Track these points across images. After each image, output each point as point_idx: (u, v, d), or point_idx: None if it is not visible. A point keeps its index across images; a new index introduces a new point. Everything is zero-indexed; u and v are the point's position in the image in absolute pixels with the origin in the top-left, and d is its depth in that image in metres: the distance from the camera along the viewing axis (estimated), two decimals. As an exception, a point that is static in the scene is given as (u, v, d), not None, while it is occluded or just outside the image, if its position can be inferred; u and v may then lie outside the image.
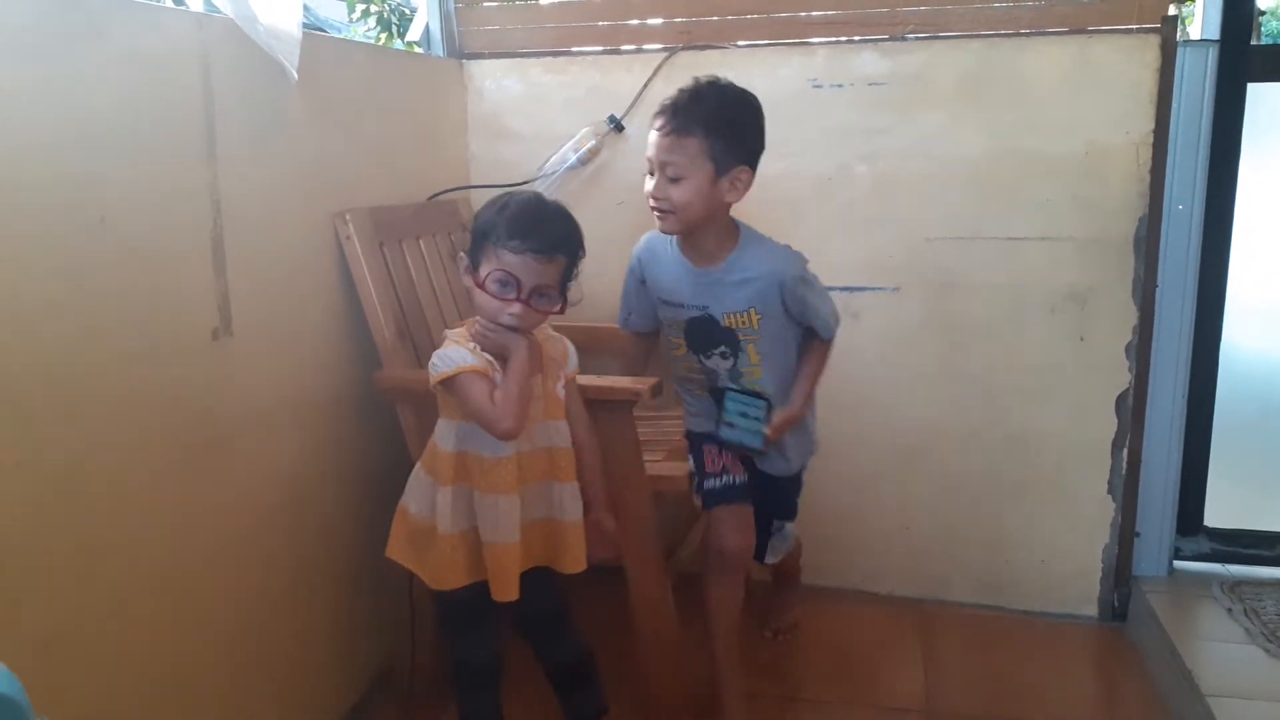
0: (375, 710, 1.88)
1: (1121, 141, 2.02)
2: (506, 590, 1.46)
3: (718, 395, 1.74)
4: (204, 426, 1.43)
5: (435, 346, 1.92)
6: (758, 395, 1.70)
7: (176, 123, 1.37)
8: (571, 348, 1.58)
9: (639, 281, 1.79)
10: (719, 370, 1.73)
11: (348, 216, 1.75)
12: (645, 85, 2.22)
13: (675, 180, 1.60)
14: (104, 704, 1.25)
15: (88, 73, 1.21)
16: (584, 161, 2.24)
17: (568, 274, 1.47)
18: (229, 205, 1.46)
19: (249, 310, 1.51)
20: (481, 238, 1.45)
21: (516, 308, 1.42)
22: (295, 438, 1.66)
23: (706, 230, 1.67)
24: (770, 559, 1.92)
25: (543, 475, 1.51)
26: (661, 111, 1.62)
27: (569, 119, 2.26)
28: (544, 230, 1.42)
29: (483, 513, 1.46)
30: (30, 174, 1.13)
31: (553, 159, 2.25)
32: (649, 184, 1.64)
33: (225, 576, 1.48)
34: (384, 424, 1.84)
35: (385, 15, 5.96)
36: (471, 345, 1.45)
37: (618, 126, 2.23)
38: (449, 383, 1.43)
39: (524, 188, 1.57)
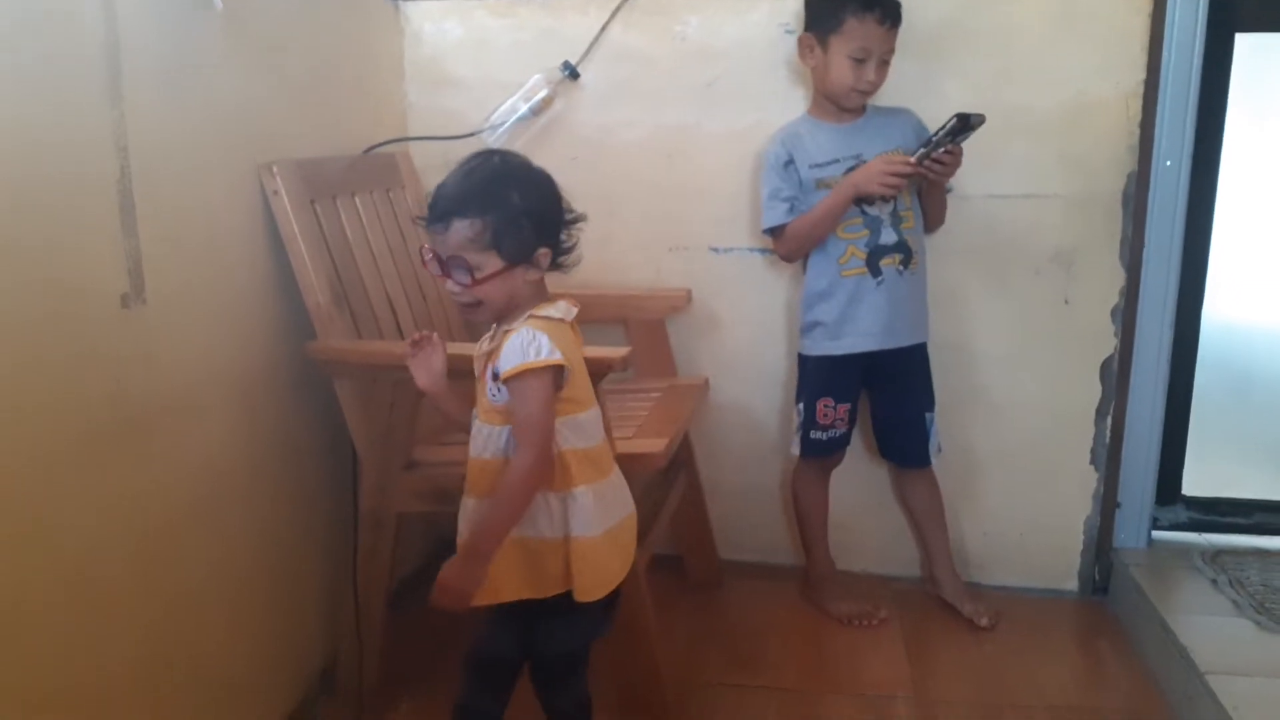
0: (316, 717, 1.71)
1: (1110, 93, 1.91)
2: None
3: (874, 260, 1.87)
4: (114, 406, 1.24)
5: (374, 313, 1.76)
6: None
7: (74, 57, 1.16)
8: (514, 343, 1.24)
9: (784, 164, 1.89)
10: (882, 215, 1.87)
11: (275, 169, 1.56)
12: (602, 29, 2.04)
13: (883, 65, 1.84)
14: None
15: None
16: (535, 112, 2.06)
17: (493, 237, 1.23)
18: (139, 153, 1.26)
19: (164, 274, 1.31)
20: None
21: (448, 284, 1.27)
22: (220, 417, 1.47)
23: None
24: (935, 456, 2.00)
25: (484, 491, 1.31)
26: (871, 5, 1.78)
27: (518, 66, 2.07)
28: (438, 196, 1.26)
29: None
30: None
31: (501, 109, 2.06)
32: (856, 73, 1.81)
33: (140, 575, 1.29)
34: (320, 400, 1.66)
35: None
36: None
37: (572, 74, 2.05)
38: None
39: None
